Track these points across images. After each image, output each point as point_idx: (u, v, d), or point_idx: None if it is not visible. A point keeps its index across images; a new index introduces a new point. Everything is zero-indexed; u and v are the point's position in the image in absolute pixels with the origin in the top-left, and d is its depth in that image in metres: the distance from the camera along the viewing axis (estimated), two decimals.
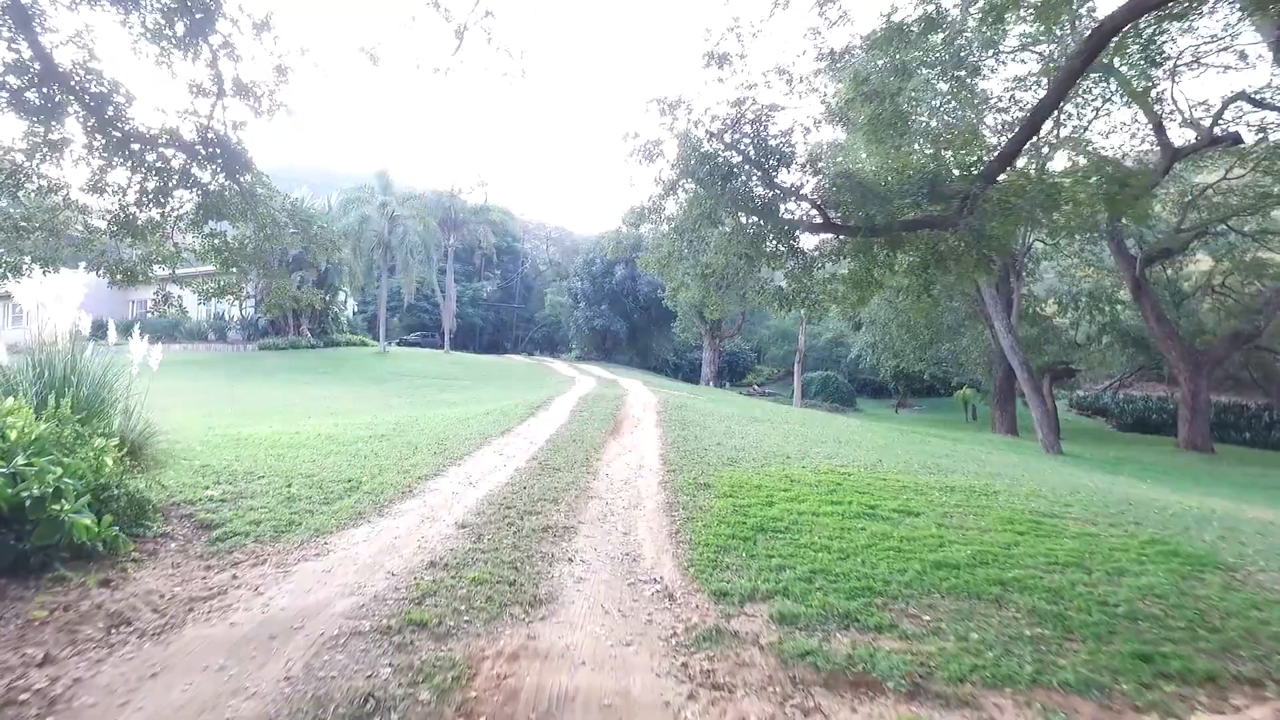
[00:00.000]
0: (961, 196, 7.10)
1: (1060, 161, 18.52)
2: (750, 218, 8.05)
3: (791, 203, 8.26)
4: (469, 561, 4.22)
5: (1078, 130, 17.72)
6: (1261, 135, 18.05)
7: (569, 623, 3.46)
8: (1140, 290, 22.13)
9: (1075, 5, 11.50)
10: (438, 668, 2.84)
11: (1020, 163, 10.13)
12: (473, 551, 4.42)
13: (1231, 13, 14.10)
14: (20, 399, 5.25)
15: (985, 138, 11.86)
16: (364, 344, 37.65)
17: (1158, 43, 10.06)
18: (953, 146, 8.24)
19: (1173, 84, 17.24)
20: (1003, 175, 7.77)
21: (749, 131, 7.78)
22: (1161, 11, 9.24)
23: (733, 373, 47.47)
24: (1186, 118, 19.05)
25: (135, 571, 3.98)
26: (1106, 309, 29.40)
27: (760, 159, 7.75)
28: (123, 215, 6.48)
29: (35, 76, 5.47)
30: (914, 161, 7.94)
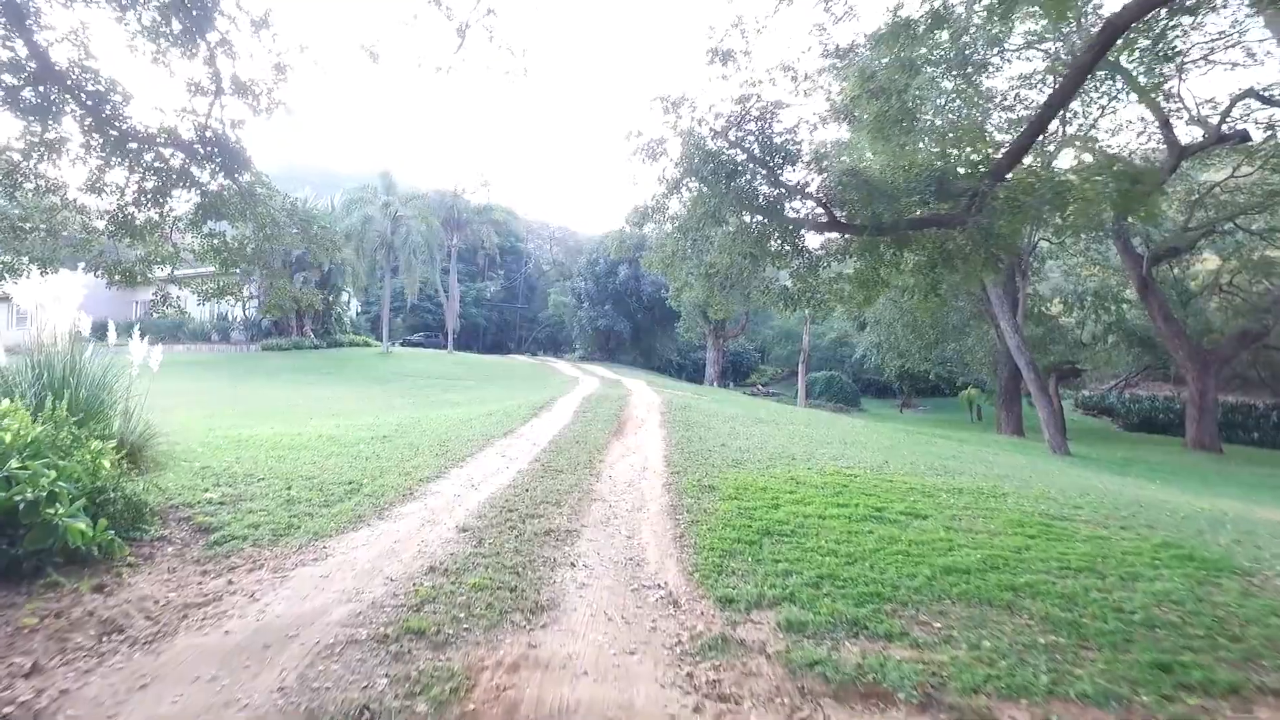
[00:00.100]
0: (970, 194, 7.01)
1: (1066, 160, 18.44)
2: (755, 216, 7.96)
3: (797, 201, 8.17)
4: (469, 566, 4.14)
5: (1084, 129, 17.62)
6: (1270, 132, 17.94)
7: (571, 630, 3.38)
8: (1147, 289, 21.95)
9: (1082, 2, 11.40)
10: (436, 679, 2.76)
11: (1025, 161, 10.02)
12: (473, 556, 4.34)
13: (1240, 9, 14.00)
14: (16, 400, 5.20)
15: (991, 136, 11.74)
16: (367, 344, 37.65)
17: (1169, 37, 9.91)
18: (960, 143, 8.13)
19: (1180, 81, 17.11)
20: (1011, 173, 7.67)
21: (753, 129, 7.69)
22: (1173, 5, 9.14)
23: (737, 373, 47.36)
24: (1194, 115, 18.90)
25: (130, 577, 3.92)
26: (1112, 308, 29.22)
27: (765, 157, 7.66)
28: (121, 215, 6.42)
29: (31, 75, 5.42)
30: (921, 159, 7.84)
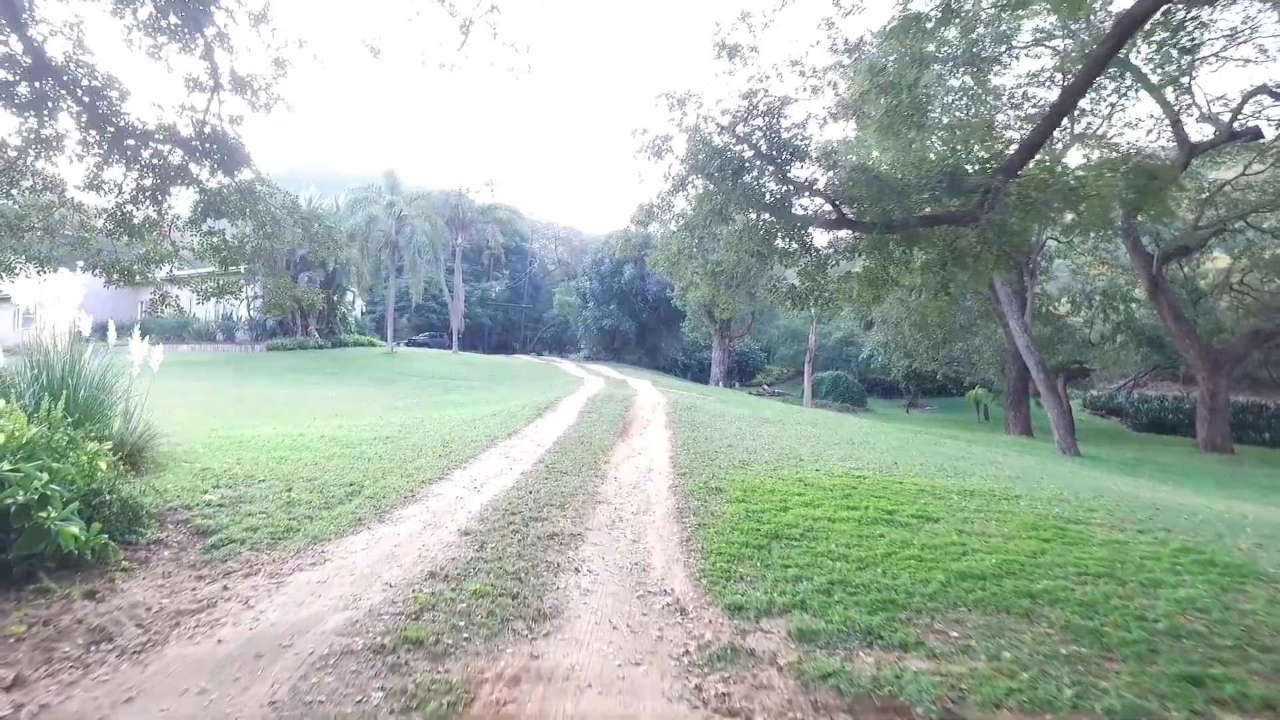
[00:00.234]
0: (982, 191, 6.87)
1: (1074, 158, 18.25)
2: (762, 214, 7.83)
3: (805, 198, 8.04)
4: (471, 572, 4.03)
5: (1092, 126, 17.43)
6: None
7: (574, 639, 3.26)
8: (1157, 288, 21.73)
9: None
10: (433, 692, 2.64)
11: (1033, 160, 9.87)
12: (475, 561, 4.23)
13: (1251, 4, 13.80)
14: (12, 401, 5.13)
15: (1001, 132, 11.56)
16: (372, 344, 37.62)
17: (1187, 28, 9.69)
18: (971, 139, 7.98)
19: (1190, 78, 16.89)
20: (1022, 170, 7.52)
21: (761, 124, 7.56)
22: None
23: (742, 373, 47.19)
24: (1204, 112, 18.69)
25: (123, 582, 3.82)
26: (1121, 307, 28.99)
27: (772, 152, 7.53)
28: (119, 213, 6.33)
29: (25, 69, 5.33)
30: (932, 155, 7.69)
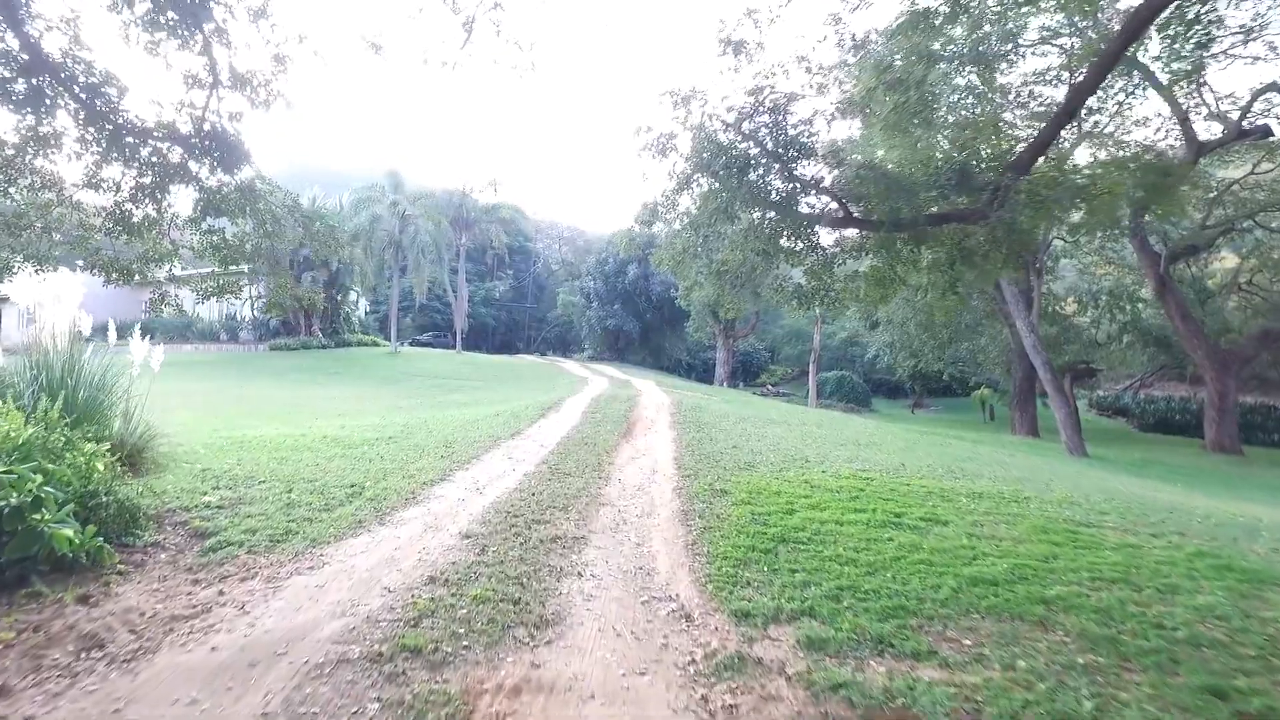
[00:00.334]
0: (991, 189, 6.76)
1: (1081, 157, 18.11)
2: (768, 212, 7.73)
3: (811, 196, 7.93)
4: (472, 576, 3.95)
5: (1099, 125, 17.29)
6: None
7: (577, 647, 3.18)
8: (1165, 288, 21.55)
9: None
10: (431, 704, 2.56)
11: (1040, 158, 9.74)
12: (476, 565, 4.15)
13: (1260, 1, 13.66)
14: (9, 401, 5.07)
15: (1009, 130, 11.44)
16: (375, 344, 37.58)
17: (1203, 21, 9.52)
18: (980, 137, 7.87)
19: (1203, 76, 16.71)
20: (1032, 167, 7.41)
21: (767, 121, 7.46)
22: None
23: (746, 373, 47.03)
24: (1213, 110, 18.55)
25: (118, 586, 3.75)
26: (1127, 307, 28.83)
27: (779, 150, 7.44)
28: (118, 212, 6.27)
29: (22, 66, 5.26)
30: (940, 153, 7.58)
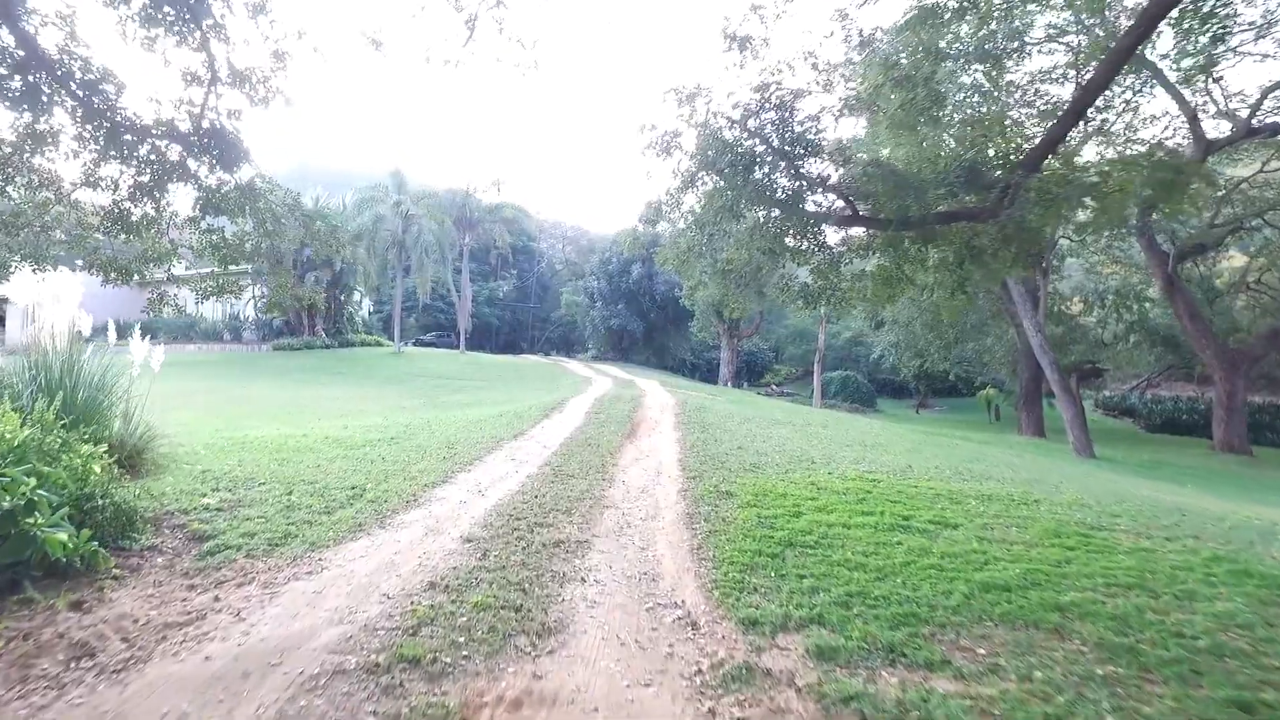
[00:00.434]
0: (1001, 186, 6.65)
1: (1088, 155, 17.97)
2: (773, 211, 7.63)
3: (818, 194, 7.83)
4: (472, 582, 3.86)
5: (1107, 123, 17.15)
6: None
7: (580, 657, 3.09)
8: (1173, 287, 21.39)
9: None
10: (428, 718, 2.47)
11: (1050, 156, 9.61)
12: (477, 570, 4.06)
13: None
14: (5, 403, 5.01)
15: (1019, 128, 11.32)
16: (379, 344, 37.56)
17: (1218, 15, 9.35)
18: (989, 134, 7.76)
19: (1216, 71, 16.49)
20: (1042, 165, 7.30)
21: (773, 118, 7.36)
22: None
23: (750, 372, 46.95)
24: (1221, 108, 18.37)
25: (112, 591, 3.67)
26: (1134, 307, 28.61)
27: (785, 147, 7.33)
28: (117, 210, 6.20)
29: (18, 63, 5.19)
30: (948, 150, 7.48)
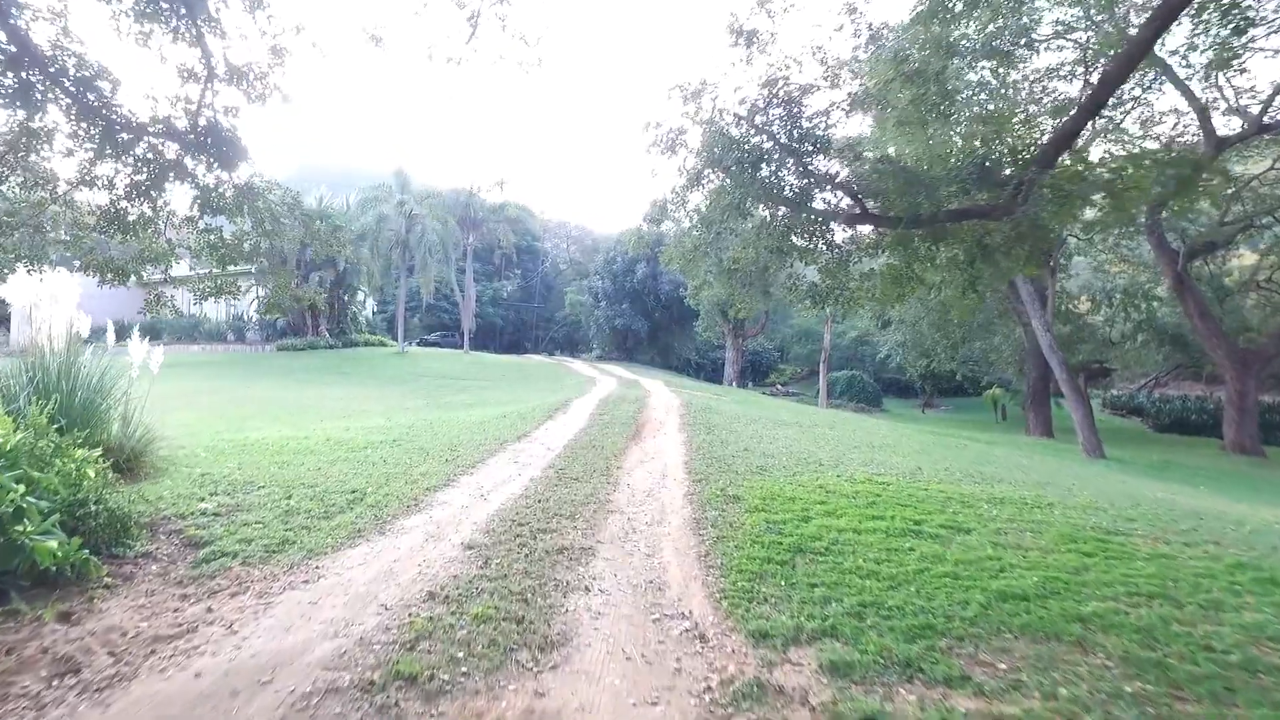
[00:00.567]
0: (1015, 183, 6.50)
1: (1095, 154, 17.80)
2: (781, 209, 7.49)
3: (826, 192, 7.68)
4: (473, 592, 3.74)
5: (1114, 121, 16.96)
6: None
7: (584, 672, 2.97)
8: (1183, 286, 21.15)
9: None
10: None
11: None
12: (478, 579, 3.94)
13: None
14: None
15: (1032, 123, 11.16)
16: (383, 344, 37.53)
17: (1240, 6, 9.12)
18: (1002, 131, 7.61)
19: (1238, 65, 16.16)
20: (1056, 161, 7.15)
21: (780, 114, 7.21)
22: None
23: (756, 372, 46.81)
24: (1232, 105, 18.15)
25: (103, 601, 3.57)
26: (1142, 305, 28.37)
27: (793, 143, 7.20)
28: (113, 210, 6.09)
29: (9, 59, 5.09)
30: (959, 147, 7.33)
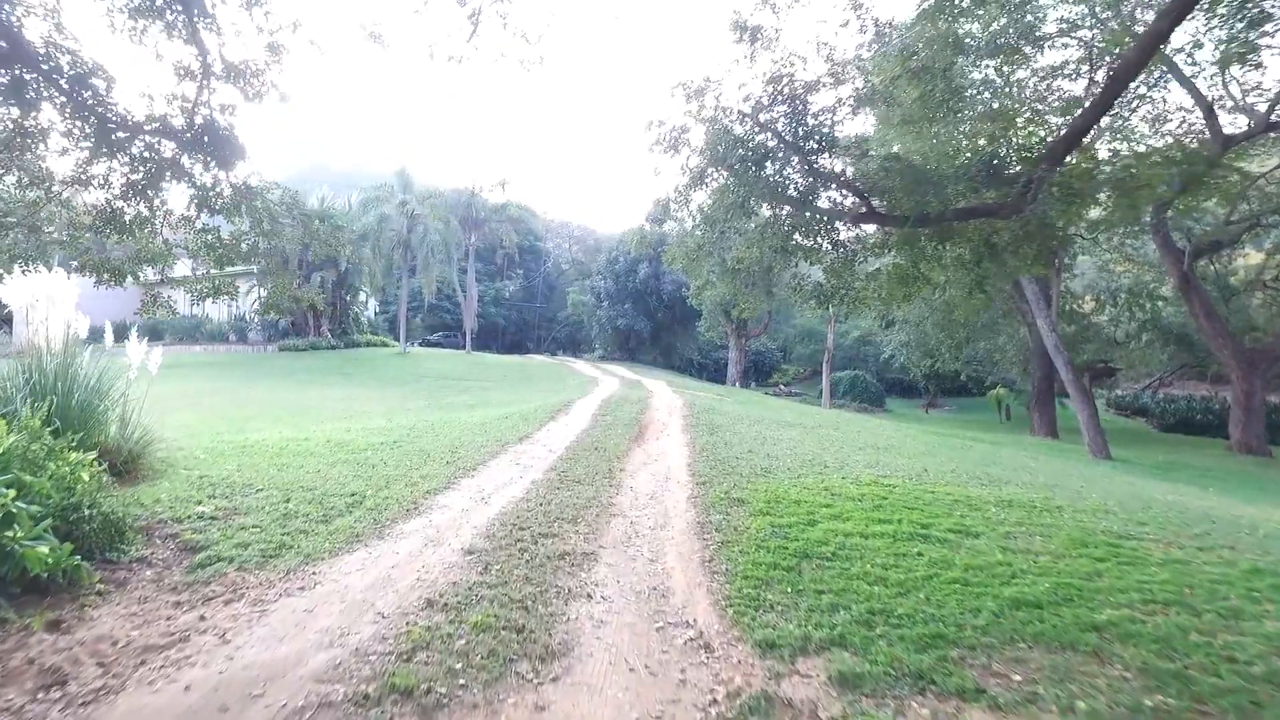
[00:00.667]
0: (1024, 181, 6.40)
1: (1102, 152, 17.67)
2: (785, 207, 7.39)
3: (831, 190, 7.58)
4: (473, 600, 3.65)
5: (1119, 120, 16.83)
6: None
7: (586, 684, 2.87)
8: (1188, 285, 20.98)
9: None
10: None
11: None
12: (478, 586, 3.85)
13: None
14: None
15: (1041, 120, 11.05)
16: (385, 344, 37.50)
17: None
18: (1010, 128, 7.50)
19: (1256, 57, 15.97)
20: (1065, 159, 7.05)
21: (785, 111, 7.12)
22: None
23: (759, 372, 46.66)
24: (1238, 103, 18.01)
25: (94, 609, 3.49)
26: (1147, 305, 28.22)
27: (798, 142, 7.10)
28: (109, 209, 6.02)
29: (2, 56, 5.01)
30: (967, 144, 7.23)
